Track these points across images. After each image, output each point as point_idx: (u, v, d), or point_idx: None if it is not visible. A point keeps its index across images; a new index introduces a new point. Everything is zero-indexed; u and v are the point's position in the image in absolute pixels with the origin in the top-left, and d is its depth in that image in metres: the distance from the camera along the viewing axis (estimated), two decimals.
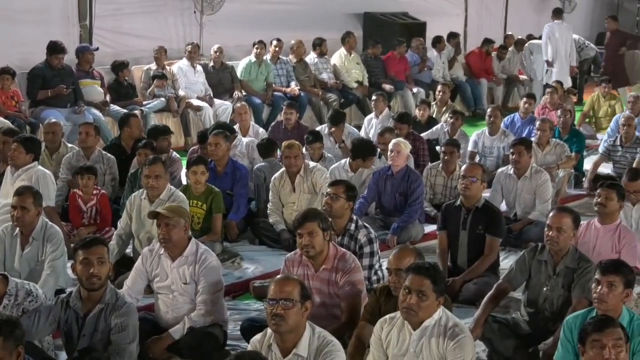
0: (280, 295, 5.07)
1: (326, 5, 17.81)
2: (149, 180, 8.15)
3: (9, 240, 7.29)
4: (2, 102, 12.56)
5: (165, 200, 8.09)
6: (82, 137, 10.16)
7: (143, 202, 8.22)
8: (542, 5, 22.63)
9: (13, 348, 4.56)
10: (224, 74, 15.37)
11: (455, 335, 5.21)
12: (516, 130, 13.10)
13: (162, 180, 8.18)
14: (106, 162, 10.09)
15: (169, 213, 6.62)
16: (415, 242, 9.21)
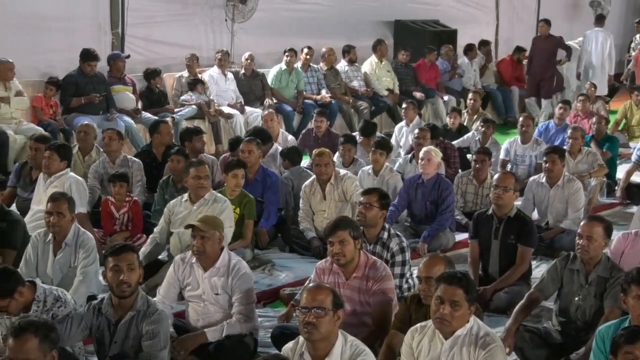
0: (312, 304, 5.08)
1: (357, 12, 17.81)
2: (201, 181, 8.22)
3: (42, 247, 7.33)
4: (42, 107, 12.69)
5: (209, 201, 8.18)
6: (106, 142, 10.23)
7: (184, 204, 8.26)
8: (573, 12, 22.55)
9: (48, 351, 4.61)
10: (255, 82, 15.40)
11: (487, 345, 5.19)
12: (550, 137, 13.05)
13: (207, 181, 8.27)
14: (132, 167, 10.13)
15: (204, 226, 6.64)
16: (446, 250, 9.18)
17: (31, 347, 4.57)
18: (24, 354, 4.55)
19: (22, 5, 13.08)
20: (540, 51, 17.98)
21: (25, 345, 4.57)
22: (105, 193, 9.68)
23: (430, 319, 5.36)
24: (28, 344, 4.57)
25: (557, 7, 22.34)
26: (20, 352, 4.56)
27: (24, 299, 5.87)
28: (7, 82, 12.40)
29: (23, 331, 4.60)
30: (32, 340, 4.58)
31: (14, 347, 4.58)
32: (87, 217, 9.02)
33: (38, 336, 4.60)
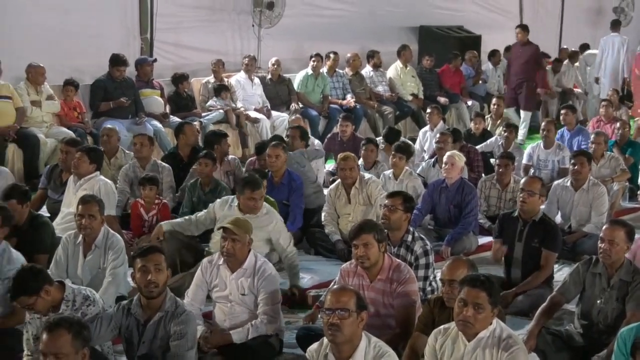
0: (336, 305, 5.09)
1: (382, 18, 17.85)
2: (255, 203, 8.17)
3: (72, 248, 7.36)
4: (64, 114, 12.79)
5: (259, 216, 8.15)
6: (137, 148, 10.26)
7: (234, 210, 8.25)
8: (597, 18, 22.46)
9: (80, 348, 4.65)
10: (281, 87, 15.44)
11: (509, 347, 5.18)
12: (568, 144, 13.00)
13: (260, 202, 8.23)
14: (162, 172, 10.18)
15: (236, 229, 6.68)
16: (469, 253, 9.18)
17: (64, 342, 4.61)
18: (57, 349, 4.59)
19: (52, 11, 13.18)
20: (516, 59, 16.96)
21: (59, 340, 4.61)
22: (134, 197, 9.73)
23: (454, 321, 5.37)
24: (61, 339, 4.61)
25: (580, 13, 22.31)
26: (53, 346, 4.60)
27: (51, 297, 5.88)
28: (39, 86, 12.51)
29: (57, 326, 4.65)
30: (65, 336, 4.62)
31: (47, 341, 4.63)
32: (116, 219, 9.06)
33: (71, 332, 4.64)
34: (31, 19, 12.86)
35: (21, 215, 7.83)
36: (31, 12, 12.91)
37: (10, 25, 12.72)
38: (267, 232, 8.15)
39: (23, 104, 12.29)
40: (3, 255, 6.80)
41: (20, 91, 12.36)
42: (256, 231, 7.98)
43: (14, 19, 12.75)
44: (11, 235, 7.33)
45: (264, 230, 8.11)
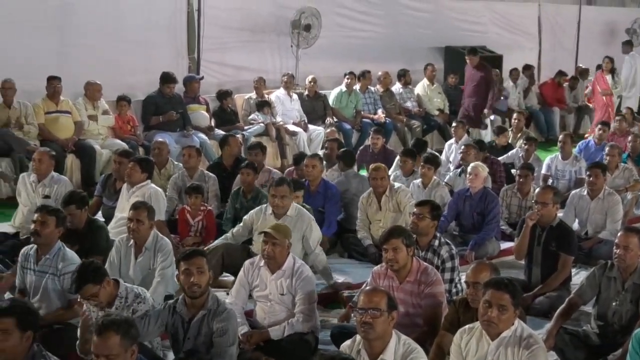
0: (369, 305, 5.06)
1: (411, 39, 17.91)
2: (275, 200, 8.15)
3: (124, 250, 7.38)
4: (118, 127, 12.86)
5: (292, 217, 8.13)
6: (185, 159, 10.30)
7: (269, 217, 8.21)
8: (610, 38, 22.26)
9: (128, 346, 4.62)
10: (317, 102, 15.47)
11: (530, 346, 5.13)
12: (590, 155, 12.88)
13: (286, 200, 8.17)
14: (208, 181, 10.19)
15: (276, 234, 6.68)
16: (491, 257, 9.11)
17: (113, 343, 4.58)
18: (107, 350, 4.57)
19: (108, 33, 13.29)
20: (468, 81, 16.06)
21: (108, 342, 4.58)
22: (182, 203, 9.74)
23: (478, 321, 5.31)
24: (110, 340, 4.58)
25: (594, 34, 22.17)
26: (104, 348, 4.57)
27: (109, 290, 5.94)
28: (95, 102, 12.62)
29: (106, 329, 4.62)
30: (114, 337, 4.59)
31: (98, 344, 4.60)
32: (165, 224, 9.07)
33: (119, 333, 4.61)
34: (89, 40, 12.98)
35: (80, 219, 7.87)
36: (89, 34, 13.03)
37: (70, 46, 12.85)
38: (302, 230, 8.12)
39: (81, 118, 12.41)
40: (58, 254, 6.82)
41: (79, 106, 12.48)
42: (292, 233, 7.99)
43: (74, 40, 12.89)
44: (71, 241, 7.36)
45: (298, 231, 8.08)
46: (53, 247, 6.85)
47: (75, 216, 7.77)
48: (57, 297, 6.77)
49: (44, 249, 6.85)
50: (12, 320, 4.72)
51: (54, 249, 6.84)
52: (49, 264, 6.80)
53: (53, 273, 6.77)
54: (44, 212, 6.88)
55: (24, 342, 4.73)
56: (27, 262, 6.93)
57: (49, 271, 6.78)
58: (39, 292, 6.79)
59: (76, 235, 7.77)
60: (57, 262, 6.78)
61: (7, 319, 4.72)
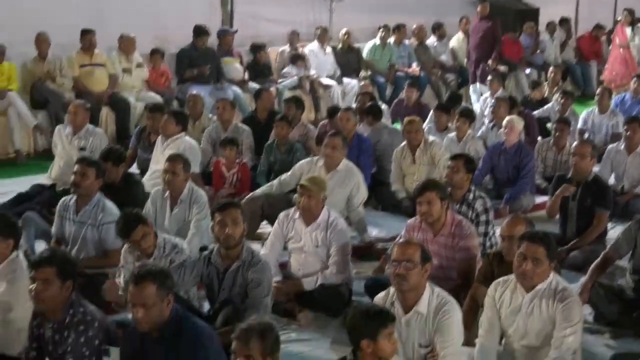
0: (402, 257, 5.07)
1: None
2: (326, 150, 8.23)
3: (160, 202, 7.44)
4: (152, 80, 12.92)
5: (342, 172, 8.18)
6: (220, 112, 10.32)
7: (319, 169, 8.25)
8: None
9: (164, 296, 4.65)
10: (351, 55, 15.42)
11: (565, 298, 5.12)
12: (627, 109, 12.73)
13: (337, 152, 8.22)
14: (242, 134, 10.21)
15: (313, 186, 6.71)
16: (526, 211, 9.06)
17: (149, 292, 4.61)
18: (143, 300, 4.60)
19: None
20: (473, 33, 15.35)
21: (144, 291, 4.61)
22: (216, 156, 9.77)
23: (512, 274, 5.32)
24: (147, 290, 4.61)
25: None
26: (140, 297, 4.61)
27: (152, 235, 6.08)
28: (130, 55, 12.67)
29: (142, 278, 4.65)
30: (150, 287, 4.62)
31: (134, 293, 4.64)
32: (200, 176, 9.12)
33: (156, 283, 4.64)
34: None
35: (117, 175, 7.93)
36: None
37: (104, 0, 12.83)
38: (349, 188, 8.15)
39: (115, 71, 12.47)
40: (98, 205, 6.91)
41: (113, 59, 12.53)
42: (337, 188, 8.04)
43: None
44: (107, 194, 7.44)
45: (345, 187, 8.14)
46: (93, 198, 6.94)
47: (112, 172, 7.82)
48: (95, 248, 6.88)
49: (83, 199, 6.94)
50: (53, 269, 4.79)
51: (94, 200, 6.94)
52: (89, 214, 6.90)
53: (92, 224, 6.87)
54: (84, 164, 6.95)
55: (63, 292, 4.81)
56: (67, 212, 7.02)
57: (89, 222, 6.88)
58: (78, 241, 6.90)
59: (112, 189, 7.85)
60: (96, 213, 6.88)
61: (48, 268, 4.79)
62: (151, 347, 4.73)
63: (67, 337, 4.77)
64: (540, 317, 5.18)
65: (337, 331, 6.37)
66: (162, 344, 4.70)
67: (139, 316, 4.62)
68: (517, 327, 5.27)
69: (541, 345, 5.21)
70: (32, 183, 9.27)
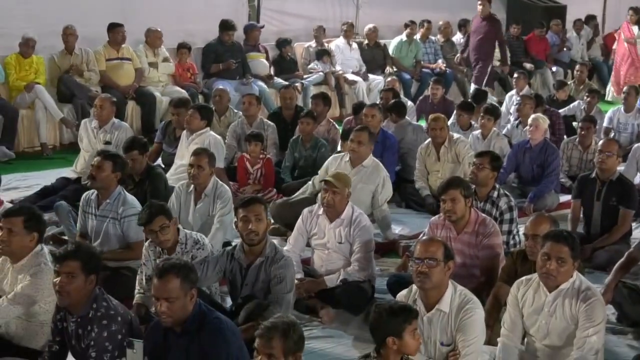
0: (425, 255, 5.05)
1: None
2: (352, 145, 8.22)
3: (184, 196, 7.45)
4: (179, 74, 12.96)
5: (368, 168, 8.17)
6: (245, 106, 10.33)
7: (345, 164, 8.25)
8: None
9: (188, 290, 4.66)
10: (377, 51, 15.43)
11: (588, 298, 5.08)
12: None
13: (363, 147, 8.20)
14: (267, 129, 10.21)
15: (337, 182, 6.70)
16: (550, 210, 9.04)
17: (173, 286, 4.62)
18: (168, 293, 4.61)
19: None
20: (474, 33, 14.82)
21: (169, 284, 4.62)
22: (241, 151, 9.79)
23: (535, 273, 5.29)
24: (171, 283, 4.62)
25: None
26: (164, 291, 4.62)
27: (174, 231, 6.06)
28: (156, 49, 12.72)
29: (166, 272, 4.66)
30: (174, 281, 4.63)
31: (158, 286, 4.65)
32: (224, 171, 9.14)
33: (180, 276, 4.65)
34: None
35: (141, 164, 7.98)
36: None
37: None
38: (375, 184, 8.14)
39: (142, 65, 12.52)
40: (119, 199, 6.92)
41: (139, 53, 12.58)
42: (363, 184, 8.04)
43: None
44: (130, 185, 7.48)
45: (371, 183, 8.12)
46: (113, 191, 6.95)
47: (137, 161, 7.90)
48: (117, 241, 6.90)
49: (103, 193, 6.96)
50: (78, 263, 4.81)
51: (114, 193, 6.95)
52: (110, 208, 6.91)
53: (114, 217, 6.88)
54: (101, 157, 6.99)
55: (87, 285, 4.83)
56: (89, 207, 7.05)
57: (110, 215, 6.89)
58: (100, 236, 6.92)
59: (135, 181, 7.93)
60: (117, 207, 6.89)
61: (72, 262, 4.81)
62: (174, 341, 4.74)
63: (90, 331, 4.79)
64: (563, 316, 5.15)
65: (360, 328, 6.37)
66: (185, 338, 4.72)
67: (163, 310, 4.63)
68: (540, 326, 5.24)
69: (563, 345, 5.18)
70: (57, 176, 9.35)
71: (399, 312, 4.51)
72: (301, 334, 4.29)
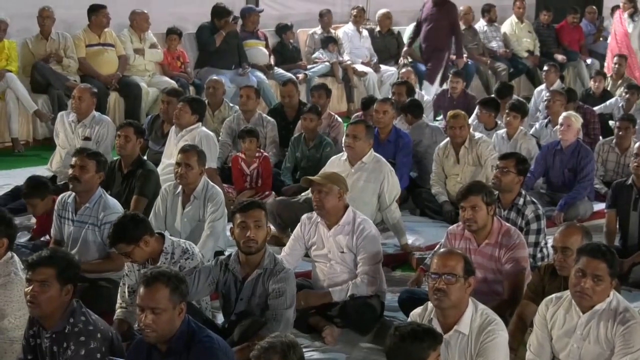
0: (443, 270, 5.05)
1: None
2: (347, 139, 8.23)
3: (171, 199, 7.47)
4: (167, 63, 13.00)
5: (368, 164, 8.17)
6: (243, 100, 10.35)
7: (343, 163, 8.26)
8: None
9: (177, 302, 4.67)
10: (390, 40, 15.46)
11: (627, 321, 5.08)
12: None
13: (359, 142, 8.18)
14: (266, 126, 10.23)
15: (322, 180, 6.69)
16: (583, 220, 9.03)
17: (161, 296, 4.64)
18: (154, 303, 4.62)
19: None
20: (425, 21, 14.10)
21: (156, 294, 4.64)
22: (237, 150, 9.79)
23: (566, 290, 5.29)
24: (159, 293, 4.64)
25: None
26: (151, 300, 4.63)
27: (150, 248, 5.96)
28: (143, 34, 12.75)
29: (154, 280, 4.67)
30: (162, 290, 4.64)
31: (145, 295, 4.66)
32: (217, 172, 9.15)
33: (169, 286, 4.66)
34: None
35: (134, 148, 8.08)
36: None
37: None
38: (379, 182, 8.14)
39: (126, 52, 12.54)
40: (99, 202, 6.92)
41: (124, 38, 12.60)
42: (365, 182, 8.03)
43: None
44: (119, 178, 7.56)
45: (373, 181, 8.12)
46: (93, 194, 6.96)
47: (130, 141, 8.03)
48: (97, 250, 6.89)
49: (83, 196, 6.96)
50: (52, 270, 4.83)
51: (95, 196, 6.95)
52: (89, 213, 6.91)
53: (93, 223, 6.87)
54: (83, 156, 6.99)
55: (63, 296, 4.84)
56: (65, 212, 7.05)
57: (89, 221, 6.89)
58: (78, 243, 6.91)
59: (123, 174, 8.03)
60: (97, 212, 6.89)
61: (46, 269, 4.83)
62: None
63: (67, 348, 4.80)
64: (597, 340, 5.15)
65: (367, 350, 6.40)
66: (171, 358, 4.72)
67: (147, 322, 4.64)
68: (571, 350, 5.24)
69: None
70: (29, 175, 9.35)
71: (424, 337, 4.45)
72: (301, 355, 4.30)
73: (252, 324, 5.71)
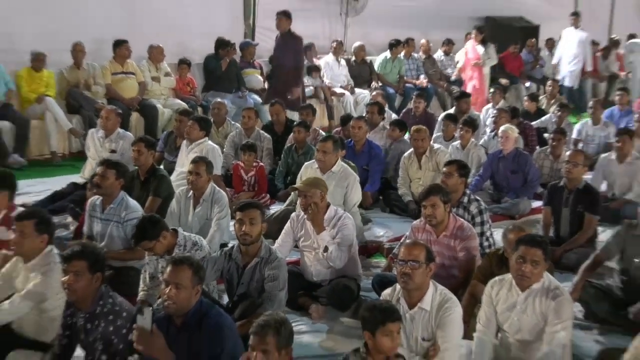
0: (408, 257, 5.08)
1: (454, 9, 17.71)
2: (318, 155, 8.19)
3: (184, 201, 7.49)
4: (179, 88, 12.98)
5: (337, 173, 8.12)
6: (245, 120, 10.40)
7: (315, 171, 8.19)
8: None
9: (196, 284, 4.71)
10: (364, 68, 15.48)
11: (556, 297, 5.14)
12: (615, 122, 12.72)
13: (328, 155, 8.13)
14: (263, 140, 10.28)
15: (304, 187, 6.69)
16: (523, 215, 9.14)
17: (185, 275, 4.67)
18: (178, 280, 4.65)
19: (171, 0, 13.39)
20: (277, 51, 13.14)
21: (181, 272, 4.68)
22: (238, 160, 9.81)
23: (508, 273, 5.34)
24: (184, 272, 4.68)
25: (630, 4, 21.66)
26: (176, 277, 4.66)
27: (167, 242, 6.01)
28: (158, 64, 12.73)
29: (181, 262, 4.73)
30: (186, 271, 4.69)
31: (171, 272, 4.70)
32: (221, 178, 9.17)
33: (192, 269, 4.71)
34: (153, 6, 13.04)
35: (147, 159, 8.04)
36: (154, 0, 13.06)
37: (136, 11, 12.91)
38: (344, 187, 8.11)
39: (145, 79, 12.52)
40: (121, 204, 6.95)
41: (143, 68, 12.59)
42: (335, 187, 7.99)
43: (140, 6, 12.97)
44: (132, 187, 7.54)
45: (340, 186, 8.09)
46: (116, 197, 6.98)
47: (142, 154, 7.97)
48: (121, 243, 6.92)
49: (107, 199, 6.99)
50: (84, 263, 4.83)
51: (117, 199, 6.97)
52: (113, 212, 6.94)
53: (117, 221, 6.91)
54: (105, 166, 7.00)
55: (93, 283, 4.86)
56: (94, 211, 7.07)
57: (114, 219, 6.92)
58: (105, 238, 6.94)
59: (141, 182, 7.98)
60: (120, 211, 6.92)
61: (79, 261, 4.84)
62: (174, 335, 4.76)
63: (98, 325, 4.80)
64: (534, 313, 5.20)
65: (346, 324, 6.42)
66: (184, 333, 4.74)
67: (171, 294, 4.66)
68: (512, 322, 5.29)
69: (534, 339, 5.23)
70: (66, 182, 9.35)
71: (379, 312, 4.50)
72: (291, 329, 4.34)
73: (250, 304, 5.72)
